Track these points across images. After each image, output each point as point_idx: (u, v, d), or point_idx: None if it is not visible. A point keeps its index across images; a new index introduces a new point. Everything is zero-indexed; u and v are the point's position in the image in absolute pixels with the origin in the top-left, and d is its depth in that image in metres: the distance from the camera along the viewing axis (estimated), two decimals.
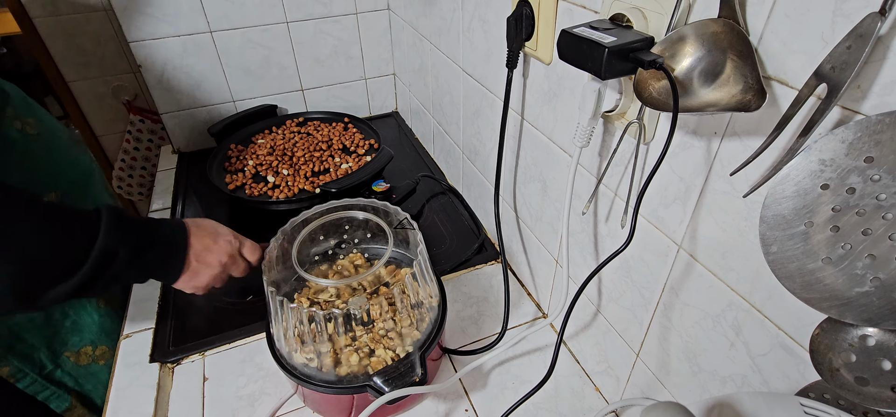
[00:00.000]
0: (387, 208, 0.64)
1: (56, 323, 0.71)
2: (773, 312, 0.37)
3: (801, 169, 0.29)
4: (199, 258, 0.60)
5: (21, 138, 0.68)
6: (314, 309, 0.51)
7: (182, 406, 0.62)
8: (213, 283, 0.62)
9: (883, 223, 0.26)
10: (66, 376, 0.73)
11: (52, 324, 0.70)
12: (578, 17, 0.49)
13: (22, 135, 0.68)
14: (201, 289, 0.62)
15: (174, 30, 1.01)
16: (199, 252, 0.60)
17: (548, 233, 0.67)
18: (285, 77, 1.17)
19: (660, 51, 0.36)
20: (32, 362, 0.69)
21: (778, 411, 0.32)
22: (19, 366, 0.68)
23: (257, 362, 0.67)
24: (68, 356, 0.73)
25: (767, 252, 0.31)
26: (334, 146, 1.06)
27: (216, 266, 0.61)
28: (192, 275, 0.60)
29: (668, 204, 0.44)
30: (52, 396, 0.72)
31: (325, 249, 0.68)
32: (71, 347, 0.73)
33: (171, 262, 0.58)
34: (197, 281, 0.61)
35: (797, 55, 0.30)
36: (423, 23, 0.94)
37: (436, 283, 0.61)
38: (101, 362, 0.76)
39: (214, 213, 0.96)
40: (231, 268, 0.63)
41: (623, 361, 0.58)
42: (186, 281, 0.60)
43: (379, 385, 0.51)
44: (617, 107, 0.47)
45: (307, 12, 1.10)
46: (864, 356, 0.29)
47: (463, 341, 0.70)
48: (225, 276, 0.63)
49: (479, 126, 0.81)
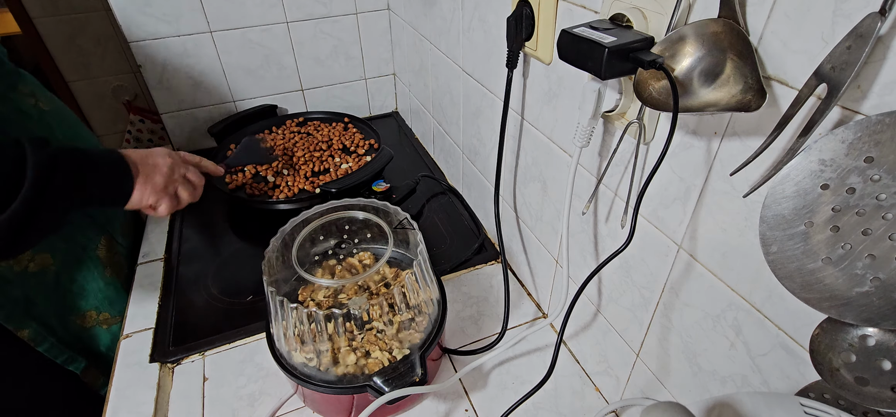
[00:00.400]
0: (387, 208, 0.64)
1: (64, 287, 0.73)
2: (773, 312, 0.37)
3: (801, 169, 0.29)
4: (142, 161, 0.61)
5: (35, 112, 0.70)
6: (314, 309, 0.51)
7: (182, 406, 0.62)
8: (173, 186, 0.64)
9: (883, 223, 0.26)
10: (75, 339, 0.75)
11: (60, 289, 0.73)
12: (578, 17, 0.49)
13: (36, 110, 0.71)
14: (162, 195, 0.63)
15: (174, 30, 1.01)
16: (138, 159, 0.61)
17: (548, 233, 0.67)
18: (285, 77, 1.17)
19: (660, 51, 0.36)
20: (48, 327, 0.71)
21: (778, 411, 0.32)
22: (38, 329, 0.70)
23: (257, 362, 0.67)
24: (75, 319, 0.75)
25: (767, 252, 0.31)
26: (334, 146, 1.06)
27: (163, 166, 0.63)
28: (146, 179, 0.61)
29: (668, 204, 0.44)
30: (68, 359, 0.74)
31: (325, 249, 0.68)
32: (78, 311, 0.75)
33: (117, 171, 0.59)
34: (154, 182, 0.62)
35: (797, 55, 0.30)
36: (423, 23, 0.94)
37: (436, 283, 0.61)
38: (104, 326, 0.78)
39: (214, 213, 0.96)
40: (181, 169, 0.65)
41: (623, 361, 0.58)
42: (142, 183, 0.61)
43: (379, 386, 0.51)
44: (617, 107, 0.47)
45: (307, 12, 1.10)
46: (864, 356, 0.29)
47: (463, 341, 0.70)
48: (178, 180, 0.65)
49: (479, 126, 0.81)
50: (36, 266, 0.69)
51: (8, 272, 0.66)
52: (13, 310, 0.67)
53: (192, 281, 0.80)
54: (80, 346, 0.76)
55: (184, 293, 0.78)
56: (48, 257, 0.70)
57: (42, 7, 1.19)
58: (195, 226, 0.93)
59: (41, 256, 0.69)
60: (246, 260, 0.85)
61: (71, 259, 0.73)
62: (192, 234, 0.91)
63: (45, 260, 0.70)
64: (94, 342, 0.78)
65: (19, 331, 0.68)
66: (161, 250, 0.85)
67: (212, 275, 0.81)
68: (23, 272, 0.68)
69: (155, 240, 0.88)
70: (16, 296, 0.67)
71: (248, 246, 0.89)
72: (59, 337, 0.73)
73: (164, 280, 0.79)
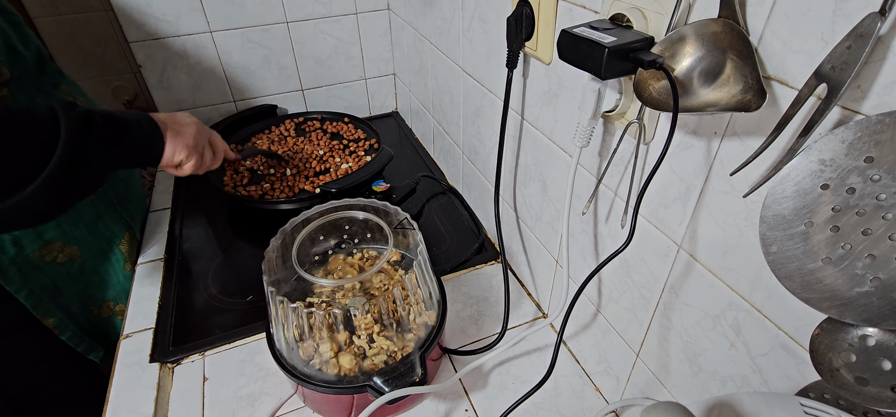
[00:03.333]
0: (387, 208, 0.64)
1: (87, 277, 0.76)
2: (773, 312, 0.37)
3: (801, 169, 0.29)
4: (170, 120, 0.64)
5: None
6: (314, 309, 0.51)
7: (182, 406, 0.62)
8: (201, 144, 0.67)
9: (883, 223, 0.26)
10: (93, 328, 0.78)
11: (84, 278, 0.76)
12: (578, 17, 0.49)
13: None
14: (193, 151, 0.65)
15: (174, 30, 1.01)
16: (165, 118, 0.64)
17: (548, 233, 0.67)
18: (285, 77, 1.17)
19: (660, 51, 0.36)
20: (70, 315, 0.74)
21: (778, 411, 0.32)
22: (62, 317, 0.72)
23: (257, 362, 0.67)
24: (93, 309, 0.78)
25: (767, 252, 0.31)
26: (335, 146, 1.06)
27: (190, 124, 0.65)
28: (175, 135, 0.63)
29: (668, 204, 0.44)
30: (89, 348, 0.77)
31: (325, 249, 0.68)
32: (97, 301, 0.78)
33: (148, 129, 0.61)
34: (185, 138, 0.64)
35: (797, 55, 0.30)
36: (423, 23, 0.94)
37: (436, 283, 0.61)
38: (120, 317, 0.81)
39: (214, 213, 0.96)
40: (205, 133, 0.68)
41: (623, 361, 0.58)
42: (173, 139, 0.63)
43: (379, 385, 0.51)
44: (617, 107, 0.47)
45: (307, 12, 1.10)
46: (864, 356, 0.29)
47: (463, 341, 0.70)
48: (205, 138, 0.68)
49: (479, 126, 0.81)
50: (64, 257, 0.72)
51: (39, 260, 0.68)
52: (41, 298, 0.70)
53: (192, 281, 0.80)
54: (98, 334, 0.79)
55: (184, 293, 0.78)
56: (76, 249, 0.73)
57: (42, 7, 1.19)
58: (195, 226, 0.93)
59: (70, 248, 0.72)
60: (246, 260, 0.85)
61: (97, 251, 0.76)
62: (192, 234, 0.91)
63: (73, 252, 0.72)
64: (111, 331, 0.81)
65: (45, 319, 0.71)
66: (161, 250, 0.85)
67: (212, 275, 0.82)
68: (52, 262, 0.70)
69: (155, 240, 0.88)
70: (44, 284, 0.70)
71: (248, 246, 0.89)
72: (80, 325, 0.76)
73: (164, 280, 0.79)
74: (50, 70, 0.71)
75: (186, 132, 0.65)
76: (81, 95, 0.76)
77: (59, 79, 0.72)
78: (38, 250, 0.68)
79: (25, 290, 0.67)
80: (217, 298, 0.77)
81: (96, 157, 0.53)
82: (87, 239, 0.74)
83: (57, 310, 0.72)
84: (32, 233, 0.67)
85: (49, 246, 0.69)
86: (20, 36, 0.65)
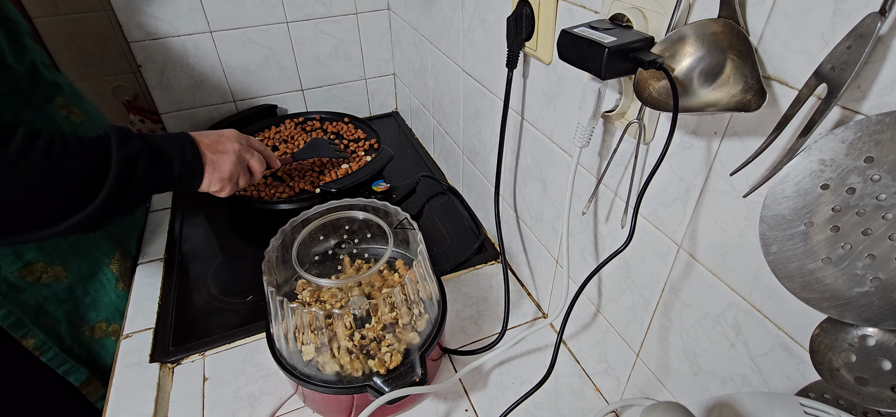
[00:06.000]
0: (387, 208, 0.64)
1: (77, 298, 0.74)
2: (773, 312, 0.37)
3: (801, 169, 0.29)
4: (211, 149, 0.63)
5: (67, 125, 0.71)
6: (314, 309, 0.51)
7: (182, 406, 0.62)
8: (237, 173, 0.66)
9: (883, 223, 0.26)
10: (82, 349, 0.75)
11: (73, 299, 0.73)
12: (578, 17, 0.49)
13: (67, 121, 0.71)
14: (227, 183, 0.65)
15: (174, 30, 1.01)
16: (208, 144, 0.63)
17: (548, 233, 0.67)
18: (285, 77, 1.17)
19: (660, 51, 0.36)
20: (55, 335, 0.72)
21: (778, 411, 0.32)
22: (44, 339, 0.70)
23: (257, 362, 0.67)
24: (84, 330, 0.76)
25: (767, 252, 0.31)
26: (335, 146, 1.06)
27: (231, 153, 0.65)
28: (213, 168, 0.63)
29: (668, 204, 0.44)
30: (71, 369, 0.74)
31: (325, 249, 0.68)
32: (88, 321, 0.76)
33: (189, 163, 0.61)
34: (221, 172, 0.64)
35: (797, 55, 0.30)
36: (423, 23, 0.94)
37: (436, 283, 0.61)
38: (112, 338, 0.78)
39: (214, 213, 0.96)
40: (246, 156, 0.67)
41: (623, 361, 0.58)
42: (210, 173, 0.63)
43: (379, 385, 0.51)
44: (617, 107, 0.47)
45: (307, 12, 1.10)
46: (864, 356, 0.29)
47: (463, 341, 0.70)
48: (244, 166, 0.67)
49: (479, 126, 0.81)
50: (49, 277, 0.69)
51: (21, 281, 0.66)
52: (22, 318, 0.67)
53: (192, 281, 0.80)
54: (86, 356, 0.76)
55: (184, 293, 0.78)
56: (62, 270, 0.70)
57: (42, 7, 1.19)
58: (195, 226, 0.93)
59: (54, 269, 0.70)
60: (246, 260, 0.85)
61: (85, 272, 0.74)
62: (192, 234, 0.91)
63: (59, 273, 0.70)
64: (101, 353, 0.78)
65: (25, 340, 0.68)
66: (161, 250, 0.85)
67: (212, 275, 0.82)
68: (36, 282, 0.68)
69: (155, 240, 0.88)
70: (27, 303, 0.68)
71: (248, 246, 0.89)
72: (65, 346, 0.73)
73: (164, 280, 0.79)
74: (44, 82, 0.68)
75: (223, 165, 0.65)
76: (77, 106, 0.73)
77: (53, 92, 0.70)
78: (18, 272, 0.65)
79: (4, 309, 0.65)
80: (217, 298, 0.77)
81: (136, 194, 0.56)
82: (74, 259, 0.72)
83: (39, 331, 0.69)
84: (11, 254, 0.65)
85: (30, 267, 0.67)
86: (15, 48, 0.63)
